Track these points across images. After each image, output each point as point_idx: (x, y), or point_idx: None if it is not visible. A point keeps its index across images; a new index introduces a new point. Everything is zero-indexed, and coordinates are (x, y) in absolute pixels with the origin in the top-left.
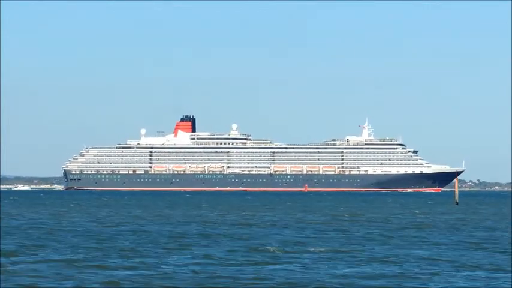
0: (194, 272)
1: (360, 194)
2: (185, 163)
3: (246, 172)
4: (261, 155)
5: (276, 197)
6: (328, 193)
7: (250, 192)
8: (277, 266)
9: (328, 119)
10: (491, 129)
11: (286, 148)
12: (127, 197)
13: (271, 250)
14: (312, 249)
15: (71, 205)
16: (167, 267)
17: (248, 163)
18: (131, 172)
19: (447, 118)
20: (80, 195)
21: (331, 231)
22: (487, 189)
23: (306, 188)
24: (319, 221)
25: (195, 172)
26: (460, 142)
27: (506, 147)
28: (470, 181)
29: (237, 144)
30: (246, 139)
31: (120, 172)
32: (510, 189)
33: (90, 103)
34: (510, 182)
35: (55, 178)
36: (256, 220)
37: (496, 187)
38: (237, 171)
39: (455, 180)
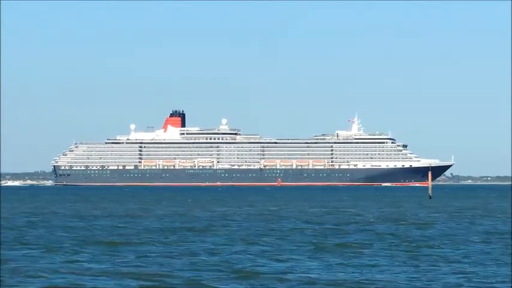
0: None
1: (345, 189)
2: (175, 158)
3: (236, 167)
4: (250, 150)
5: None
6: (297, 187)
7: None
8: None
9: (317, 113)
10: (482, 124)
11: (276, 143)
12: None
13: None
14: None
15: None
16: None
17: (238, 158)
18: (121, 167)
19: (436, 113)
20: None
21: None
22: (460, 182)
23: (279, 183)
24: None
25: (185, 167)
26: (450, 137)
27: (494, 143)
28: (444, 175)
29: (226, 139)
30: (235, 134)
31: (110, 167)
32: (481, 183)
33: (79, 99)
34: (482, 176)
35: (27, 174)
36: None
37: (469, 181)
38: (226, 166)
39: (429, 174)
